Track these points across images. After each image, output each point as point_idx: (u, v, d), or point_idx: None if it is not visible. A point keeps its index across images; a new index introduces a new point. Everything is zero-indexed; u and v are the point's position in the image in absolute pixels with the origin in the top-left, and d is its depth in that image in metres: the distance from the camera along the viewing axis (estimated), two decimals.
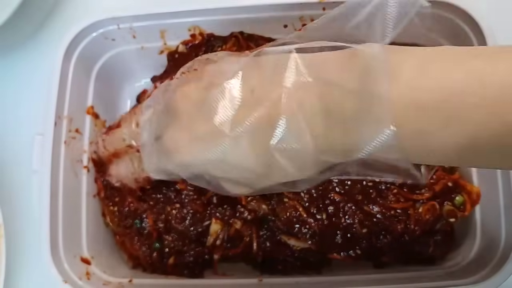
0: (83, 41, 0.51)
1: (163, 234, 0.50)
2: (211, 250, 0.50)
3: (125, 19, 0.51)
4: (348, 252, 0.48)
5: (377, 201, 0.47)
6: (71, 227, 0.49)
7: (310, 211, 0.48)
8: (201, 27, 0.52)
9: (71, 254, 0.47)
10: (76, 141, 0.51)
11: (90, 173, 0.52)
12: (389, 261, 0.49)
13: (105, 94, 0.56)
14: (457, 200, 0.48)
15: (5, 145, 0.57)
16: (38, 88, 0.55)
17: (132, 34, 0.53)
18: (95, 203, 0.53)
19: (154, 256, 0.50)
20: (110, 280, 0.48)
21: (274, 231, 0.49)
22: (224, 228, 0.49)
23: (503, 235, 0.45)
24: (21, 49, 0.61)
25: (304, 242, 0.48)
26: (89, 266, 0.49)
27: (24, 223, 0.54)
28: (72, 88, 0.50)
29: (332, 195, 0.48)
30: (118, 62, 0.56)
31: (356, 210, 0.47)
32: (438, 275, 0.47)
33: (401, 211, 0.47)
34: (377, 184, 0.48)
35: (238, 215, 0.49)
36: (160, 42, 0.54)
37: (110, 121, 0.57)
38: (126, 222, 0.51)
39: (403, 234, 0.47)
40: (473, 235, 0.48)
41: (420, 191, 0.48)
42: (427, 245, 0.48)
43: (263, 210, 0.48)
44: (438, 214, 0.47)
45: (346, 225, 0.47)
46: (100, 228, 0.53)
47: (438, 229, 0.48)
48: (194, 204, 0.49)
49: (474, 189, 0.48)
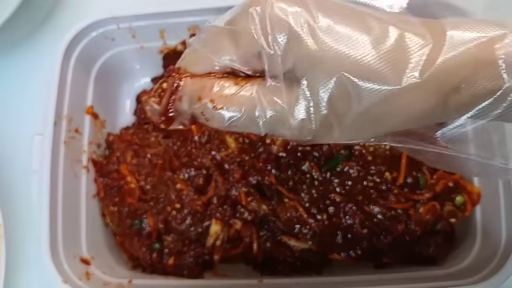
0: (83, 40, 0.51)
1: (163, 234, 0.50)
2: (211, 251, 0.50)
3: (124, 19, 0.51)
4: (348, 252, 0.48)
5: (378, 201, 0.47)
6: (71, 227, 0.48)
7: (311, 212, 0.47)
8: (201, 27, 0.52)
9: (70, 255, 0.47)
10: (76, 141, 0.51)
11: (90, 173, 0.52)
12: (390, 262, 0.49)
13: (104, 94, 0.56)
14: (458, 200, 0.48)
15: (5, 145, 0.57)
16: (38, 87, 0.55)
17: (131, 34, 0.53)
18: (95, 203, 0.53)
19: (153, 257, 0.50)
20: (110, 281, 0.48)
21: (274, 231, 0.49)
22: (224, 229, 0.49)
23: (503, 235, 0.45)
24: (21, 49, 0.61)
25: (304, 243, 0.48)
26: (89, 266, 0.49)
27: (23, 223, 0.53)
28: (71, 87, 0.50)
29: (333, 195, 0.48)
30: (118, 61, 0.56)
31: (357, 210, 0.47)
32: (438, 276, 0.46)
33: (401, 211, 0.47)
34: (378, 184, 0.48)
35: (238, 215, 0.49)
36: (160, 42, 0.54)
37: (110, 121, 0.57)
38: (126, 223, 0.51)
39: (404, 235, 0.47)
40: (473, 235, 0.48)
41: (420, 191, 0.48)
42: (427, 246, 0.48)
43: (263, 210, 0.48)
44: (439, 215, 0.47)
45: (347, 225, 0.47)
46: (100, 229, 0.53)
47: (439, 229, 0.48)
48: (194, 205, 0.49)
49: (475, 189, 0.48)
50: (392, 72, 0.23)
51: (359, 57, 0.23)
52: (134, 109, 0.59)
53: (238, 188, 0.49)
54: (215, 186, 0.49)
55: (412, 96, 0.23)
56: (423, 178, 0.48)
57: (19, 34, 0.60)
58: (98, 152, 0.55)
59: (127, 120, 0.59)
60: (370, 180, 0.48)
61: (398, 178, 0.48)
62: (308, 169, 0.49)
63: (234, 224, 0.49)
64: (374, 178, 0.48)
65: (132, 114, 0.59)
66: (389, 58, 0.23)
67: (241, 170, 0.49)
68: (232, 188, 0.49)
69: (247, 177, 0.49)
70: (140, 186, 0.51)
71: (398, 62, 0.23)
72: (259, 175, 0.49)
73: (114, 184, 0.52)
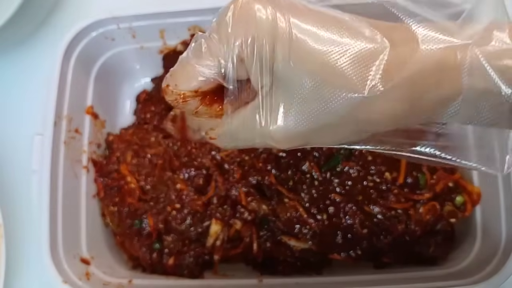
0: (83, 40, 0.51)
1: (163, 234, 0.50)
2: (211, 251, 0.50)
3: (124, 19, 0.51)
4: (348, 252, 0.48)
5: (378, 201, 0.47)
6: (71, 227, 0.48)
7: (311, 212, 0.47)
8: (201, 27, 0.52)
9: (70, 255, 0.47)
10: (76, 141, 0.51)
11: (90, 173, 0.52)
12: (390, 262, 0.49)
13: (104, 94, 0.56)
14: (458, 200, 0.48)
15: (5, 145, 0.57)
16: (38, 87, 0.55)
17: (131, 34, 0.53)
18: (95, 204, 0.53)
19: (153, 257, 0.50)
20: (110, 281, 0.48)
21: (274, 231, 0.49)
22: (224, 229, 0.49)
23: (503, 235, 0.45)
24: (21, 49, 0.61)
25: (304, 243, 0.48)
26: (89, 266, 0.49)
27: (23, 223, 0.53)
28: (71, 87, 0.50)
29: (333, 195, 0.48)
30: (118, 62, 0.56)
31: (357, 210, 0.47)
32: (438, 276, 0.46)
33: (401, 211, 0.47)
34: (378, 184, 0.48)
35: (238, 215, 0.49)
36: (160, 42, 0.54)
37: (110, 121, 0.57)
38: (126, 223, 0.51)
39: (404, 235, 0.47)
40: (473, 235, 0.48)
41: (420, 191, 0.48)
42: (427, 246, 0.48)
43: (263, 210, 0.48)
44: (439, 215, 0.47)
45: (347, 225, 0.47)
46: (100, 229, 0.53)
47: (439, 229, 0.48)
48: (194, 205, 0.49)
49: (475, 189, 0.48)
50: (357, 79, 0.23)
51: (333, 60, 0.23)
52: (134, 109, 0.59)
53: (238, 188, 0.49)
54: (215, 186, 0.49)
55: (377, 104, 0.23)
56: (423, 178, 0.48)
57: (20, 33, 0.60)
58: (98, 152, 0.55)
59: (127, 120, 0.59)
60: (370, 180, 0.48)
61: (398, 178, 0.48)
62: (308, 169, 0.49)
63: (234, 224, 0.49)
64: (374, 178, 0.48)
65: (132, 114, 0.59)
66: (357, 63, 0.23)
67: (241, 170, 0.49)
68: (232, 188, 0.49)
69: (247, 177, 0.49)
70: (140, 186, 0.51)
71: (364, 68, 0.23)
72: (259, 175, 0.49)
73: (114, 184, 0.52)
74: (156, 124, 0.55)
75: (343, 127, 0.25)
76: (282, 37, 0.24)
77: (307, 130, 0.26)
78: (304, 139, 0.27)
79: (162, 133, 0.54)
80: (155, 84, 0.59)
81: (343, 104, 0.24)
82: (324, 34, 0.24)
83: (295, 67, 0.24)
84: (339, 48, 0.23)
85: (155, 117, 0.55)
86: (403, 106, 0.24)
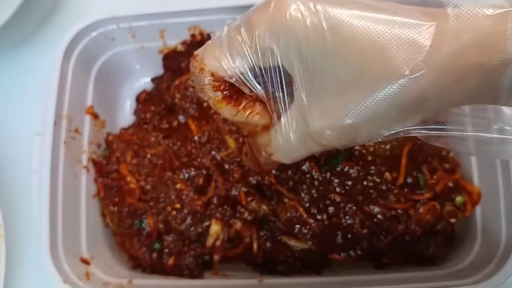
0: (83, 40, 0.51)
1: (163, 234, 0.50)
2: (211, 251, 0.50)
3: (124, 19, 0.51)
4: (348, 252, 0.48)
5: (378, 201, 0.47)
6: (71, 227, 0.48)
7: (311, 212, 0.47)
8: (201, 27, 0.52)
9: (70, 254, 0.47)
10: (76, 141, 0.51)
11: (90, 173, 0.52)
12: (390, 262, 0.49)
13: (104, 94, 0.56)
14: (458, 200, 0.48)
15: (5, 145, 0.57)
16: (38, 87, 0.55)
17: (131, 34, 0.53)
18: (95, 204, 0.53)
19: (153, 257, 0.50)
20: (110, 281, 0.48)
21: (274, 231, 0.49)
22: (224, 229, 0.49)
23: (503, 235, 0.45)
24: (21, 48, 0.61)
25: (304, 243, 0.48)
26: (89, 266, 0.49)
27: (23, 223, 0.53)
28: (71, 87, 0.50)
29: (333, 195, 0.47)
30: (118, 62, 0.56)
31: (357, 210, 0.47)
32: (438, 276, 0.46)
33: (401, 211, 0.47)
34: (378, 184, 0.48)
35: (238, 215, 0.49)
36: (160, 42, 0.54)
37: (110, 121, 0.57)
38: (126, 223, 0.51)
39: (404, 235, 0.47)
40: (473, 235, 0.48)
41: (420, 191, 0.48)
42: (427, 246, 0.48)
43: (263, 210, 0.48)
44: (439, 215, 0.47)
45: (347, 225, 0.47)
46: (100, 228, 0.53)
47: (439, 229, 0.48)
48: (194, 205, 0.49)
49: (475, 189, 0.48)
50: (400, 60, 0.23)
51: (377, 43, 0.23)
52: (134, 109, 0.59)
53: (238, 188, 0.49)
54: (215, 186, 0.49)
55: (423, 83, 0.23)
56: (423, 178, 0.48)
57: (20, 33, 0.60)
58: (98, 152, 0.55)
59: (127, 120, 0.59)
60: (370, 180, 0.48)
61: (398, 178, 0.48)
62: (308, 169, 0.49)
63: (234, 224, 0.49)
64: (374, 178, 0.48)
65: (132, 114, 0.59)
66: (398, 45, 0.23)
67: (241, 170, 0.49)
68: (232, 188, 0.49)
69: (247, 177, 0.49)
70: (140, 186, 0.51)
71: (406, 50, 0.23)
72: (259, 175, 0.49)
73: (114, 184, 0.52)
74: (156, 124, 0.55)
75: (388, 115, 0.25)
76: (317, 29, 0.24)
77: (355, 121, 0.25)
78: (355, 130, 0.26)
79: (162, 133, 0.54)
80: (155, 84, 0.59)
81: (387, 90, 0.24)
82: (361, 18, 0.24)
83: (334, 55, 0.24)
84: (381, 30, 0.23)
85: (155, 117, 0.56)
86: (450, 77, 0.23)
